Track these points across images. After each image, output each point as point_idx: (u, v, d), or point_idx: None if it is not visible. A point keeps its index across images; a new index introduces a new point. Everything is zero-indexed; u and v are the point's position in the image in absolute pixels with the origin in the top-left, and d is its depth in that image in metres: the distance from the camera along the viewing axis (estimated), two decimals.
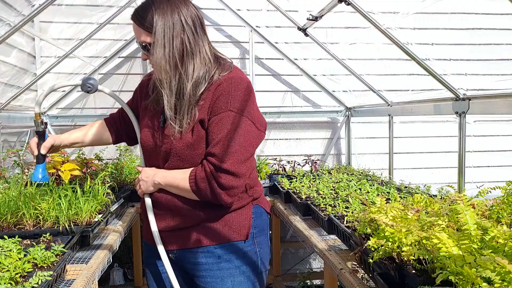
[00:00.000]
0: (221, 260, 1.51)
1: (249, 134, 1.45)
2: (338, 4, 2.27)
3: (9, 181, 2.40)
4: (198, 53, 1.47)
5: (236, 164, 1.41)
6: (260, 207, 1.62)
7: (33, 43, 3.58)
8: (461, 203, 1.30)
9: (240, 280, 1.52)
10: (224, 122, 1.42)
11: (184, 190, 1.48)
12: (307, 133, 4.14)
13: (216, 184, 1.41)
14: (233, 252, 1.51)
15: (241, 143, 1.42)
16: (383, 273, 1.38)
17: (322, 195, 2.58)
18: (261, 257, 1.58)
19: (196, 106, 1.46)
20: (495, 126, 4.19)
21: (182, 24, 1.44)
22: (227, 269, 1.51)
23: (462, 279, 1.02)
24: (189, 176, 1.46)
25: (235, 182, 1.43)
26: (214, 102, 1.44)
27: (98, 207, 2.06)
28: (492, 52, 4.05)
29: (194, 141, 1.46)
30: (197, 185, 1.44)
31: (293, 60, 4.01)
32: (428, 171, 4.12)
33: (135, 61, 3.90)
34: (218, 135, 1.42)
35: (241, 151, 1.42)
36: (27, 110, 3.52)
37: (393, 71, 3.85)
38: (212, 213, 1.51)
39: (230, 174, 1.41)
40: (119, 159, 3.43)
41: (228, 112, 1.43)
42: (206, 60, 1.49)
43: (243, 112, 1.44)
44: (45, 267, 1.45)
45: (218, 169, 1.41)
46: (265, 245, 1.62)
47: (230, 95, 1.44)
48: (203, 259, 1.51)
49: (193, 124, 1.45)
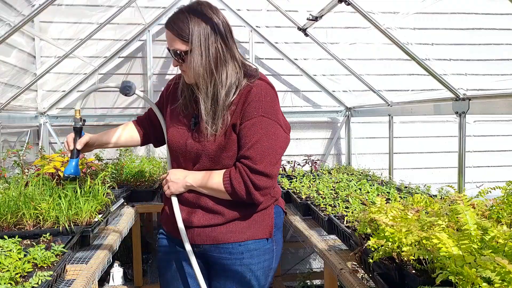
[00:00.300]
0: (244, 256, 1.59)
1: (279, 138, 1.55)
2: (338, 4, 2.27)
3: (9, 181, 2.40)
4: (230, 61, 1.56)
5: (269, 166, 1.51)
6: (279, 207, 1.72)
7: (33, 43, 3.58)
8: (461, 203, 1.30)
9: (257, 275, 1.61)
10: (256, 127, 1.51)
11: (218, 191, 1.56)
12: (307, 133, 4.14)
13: (252, 185, 1.50)
14: (255, 249, 1.60)
15: (272, 146, 1.52)
16: (383, 273, 1.38)
17: (322, 195, 2.58)
18: (276, 254, 1.68)
19: (228, 111, 1.54)
20: (495, 126, 4.19)
21: (216, 32, 1.53)
22: (247, 265, 1.59)
23: (462, 279, 1.02)
24: (223, 178, 1.55)
25: (268, 183, 1.53)
26: (246, 107, 1.53)
27: (98, 207, 2.06)
28: (492, 52, 4.05)
29: (226, 143, 1.55)
30: (233, 187, 1.52)
31: (293, 60, 4.01)
32: (428, 171, 4.12)
33: (135, 61, 3.90)
34: (252, 139, 1.51)
35: (273, 153, 1.52)
36: (27, 110, 3.52)
37: (393, 71, 3.85)
38: (241, 212, 1.59)
39: (264, 175, 1.51)
40: (119, 159, 3.43)
41: (260, 117, 1.52)
42: (237, 67, 1.58)
43: (273, 117, 1.54)
44: (45, 267, 1.45)
45: (253, 171, 1.50)
46: (280, 242, 1.72)
47: (260, 101, 1.53)
48: (227, 254, 1.59)
49: (226, 128, 1.54)
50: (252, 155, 1.50)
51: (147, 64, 3.85)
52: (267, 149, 1.51)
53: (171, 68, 3.95)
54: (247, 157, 1.51)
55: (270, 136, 1.52)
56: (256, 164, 1.50)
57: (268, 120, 1.52)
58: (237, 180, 1.52)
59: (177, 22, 1.53)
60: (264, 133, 1.51)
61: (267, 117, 1.53)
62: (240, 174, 1.52)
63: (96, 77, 3.82)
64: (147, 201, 3.02)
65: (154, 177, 3.21)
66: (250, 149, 1.51)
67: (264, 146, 1.51)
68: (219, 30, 1.54)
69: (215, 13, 1.55)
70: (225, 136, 1.54)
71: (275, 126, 1.54)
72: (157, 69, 3.92)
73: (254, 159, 1.50)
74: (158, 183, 3.14)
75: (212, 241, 1.60)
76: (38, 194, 1.95)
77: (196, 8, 1.54)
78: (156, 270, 3.57)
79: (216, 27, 1.53)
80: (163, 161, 3.48)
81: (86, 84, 3.81)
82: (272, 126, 1.53)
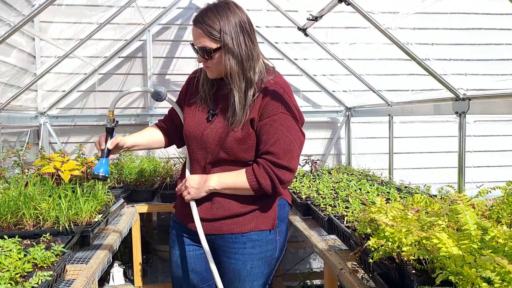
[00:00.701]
0: (246, 246, 1.67)
1: (298, 133, 1.63)
2: (338, 4, 2.27)
3: (9, 181, 2.40)
4: (256, 57, 1.64)
5: (291, 160, 1.59)
6: (284, 199, 1.77)
7: (33, 43, 3.58)
8: (461, 203, 1.30)
9: (259, 264, 1.68)
10: (278, 124, 1.58)
11: (242, 190, 1.64)
12: (307, 133, 4.07)
13: (277, 180, 1.58)
14: (257, 240, 1.68)
15: (293, 141, 1.60)
16: (383, 273, 1.38)
17: (322, 195, 2.58)
18: (279, 244, 1.74)
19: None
20: (495, 126, 4.19)
21: (244, 31, 1.60)
22: (250, 254, 1.67)
23: (462, 279, 1.02)
24: (247, 176, 1.61)
25: (291, 177, 1.62)
26: (266, 104, 1.60)
27: (98, 207, 2.06)
28: (492, 52, 4.05)
29: (242, 136, 1.61)
30: (259, 183, 1.60)
31: (293, 60, 4.01)
32: (428, 171, 4.12)
33: (135, 61, 3.90)
34: (274, 136, 1.58)
35: (294, 148, 1.60)
36: (27, 110, 3.52)
37: (393, 71, 3.85)
38: (246, 205, 1.67)
39: (288, 169, 1.59)
40: (119, 159, 3.43)
41: (280, 114, 1.59)
42: (261, 64, 1.66)
43: (292, 113, 1.62)
44: (45, 267, 1.45)
45: (278, 166, 1.58)
46: (284, 233, 1.77)
47: (280, 98, 1.60)
48: (232, 244, 1.68)
49: (244, 122, 1.60)
50: (276, 151, 1.57)
51: (147, 64, 3.85)
52: (289, 144, 1.58)
53: (171, 68, 3.95)
54: (270, 153, 1.58)
55: (291, 132, 1.60)
56: (280, 159, 1.57)
57: (288, 117, 1.60)
58: (263, 176, 1.59)
59: (206, 20, 1.57)
60: (285, 129, 1.59)
61: (287, 113, 1.60)
62: (265, 170, 1.59)
63: (96, 77, 3.82)
64: (147, 201, 3.02)
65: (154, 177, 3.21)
66: (273, 145, 1.58)
67: (286, 142, 1.58)
68: (246, 29, 1.60)
69: (241, 12, 1.62)
70: (242, 130, 1.60)
71: (294, 122, 1.61)
72: (157, 69, 3.92)
73: (278, 154, 1.57)
74: (158, 183, 3.14)
75: (217, 231, 1.68)
76: (38, 194, 1.95)
77: (224, 7, 1.59)
78: (156, 270, 3.58)
79: (244, 26, 1.60)
80: (163, 161, 3.48)
81: (86, 84, 3.81)
82: (291, 122, 1.60)
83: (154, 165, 3.33)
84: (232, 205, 1.66)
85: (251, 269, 1.68)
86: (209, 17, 1.57)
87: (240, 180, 1.62)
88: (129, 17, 3.63)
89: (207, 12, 1.58)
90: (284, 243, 1.77)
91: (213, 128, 1.65)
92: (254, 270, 1.68)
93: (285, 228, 1.78)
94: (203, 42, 1.58)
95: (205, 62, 1.64)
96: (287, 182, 1.62)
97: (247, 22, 1.62)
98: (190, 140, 1.73)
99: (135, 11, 3.56)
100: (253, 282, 1.69)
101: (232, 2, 1.63)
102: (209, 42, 1.57)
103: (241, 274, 1.68)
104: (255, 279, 1.69)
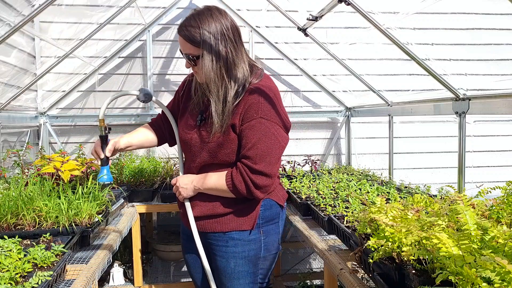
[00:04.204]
0: (228, 244, 1.73)
1: (278, 138, 1.64)
2: (338, 4, 2.26)
3: (9, 181, 2.40)
4: (239, 63, 1.65)
5: (268, 166, 1.62)
6: (271, 200, 1.78)
7: (33, 43, 3.58)
8: (461, 203, 1.30)
9: (241, 263, 1.73)
10: (256, 128, 1.60)
11: (222, 191, 1.68)
12: (307, 133, 4.14)
13: (252, 184, 1.61)
14: (239, 239, 1.72)
15: (271, 146, 1.61)
16: (383, 273, 1.38)
17: (322, 195, 2.58)
18: (265, 243, 1.76)
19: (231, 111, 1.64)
20: (495, 126, 4.19)
21: (225, 37, 1.61)
22: (232, 253, 1.73)
23: (462, 279, 1.02)
24: (225, 179, 1.66)
25: (268, 182, 1.64)
26: (246, 109, 1.62)
27: (98, 207, 2.06)
28: (492, 52, 4.05)
29: (224, 141, 1.65)
30: (235, 186, 1.64)
31: (293, 60, 4.01)
32: (428, 171, 4.12)
33: (135, 61, 3.90)
34: (252, 140, 1.61)
35: (272, 154, 1.62)
36: (27, 110, 3.52)
37: (393, 71, 3.85)
38: (228, 206, 1.71)
39: (263, 174, 1.61)
40: (119, 159, 3.43)
41: (259, 119, 1.61)
42: (245, 69, 1.66)
43: (272, 118, 1.63)
44: (45, 267, 1.45)
45: (253, 171, 1.61)
46: (272, 233, 1.79)
47: (260, 103, 1.61)
48: (216, 241, 1.75)
49: (226, 127, 1.63)
50: (252, 156, 1.60)
51: (147, 64, 3.85)
52: (266, 149, 1.60)
53: (171, 68, 3.95)
54: (247, 157, 1.61)
55: (269, 137, 1.61)
56: (256, 164, 1.60)
57: (267, 122, 1.61)
58: (239, 180, 1.62)
59: (189, 27, 1.60)
60: (263, 134, 1.60)
61: (266, 118, 1.61)
62: (241, 174, 1.62)
63: (96, 77, 3.82)
64: (147, 201, 3.02)
65: (154, 177, 3.21)
66: (250, 149, 1.60)
67: (263, 147, 1.60)
68: (228, 35, 1.62)
69: (224, 17, 1.64)
70: (224, 134, 1.64)
71: (274, 127, 1.63)
72: (157, 69, 3.92)
73: (254, 159, 1.60)
74: (158, 183, 3.14)
75: (202, 229, 1.77)
76: (38, 194, 1.95)
77: (205, 14, 1.61)
78: (156, 270, 3.60)
79: (226, 32, 1.61)
80: (163, 161, 3.48)
81: (86, 84, 3.81)
82: (271, 127, 1.62)
83: (154, 165, 3.33)
84: (215, 205, 1.72)
85: (235, 267, 1.73)
86: (191, 25, 1.59)
87: (220, 183, 1.67)
88: (129, 17, 3.63)
89: (190, 20, 1.61)
90: (273, 243, 1.79)
91: (200, 132, 1.71)
92: (237, 268, 1.73)
93: (274, 228, 1.79)
94: (187, 49, 1.62)
95: (193, 67, 1.68)
96: (264, 187, 1.63)
97: (230, 28, 1.63)
98: (182, 143, 1.82)
99: (135, 11, 3.56)
100: (239, 280, 1.74)
101: (215, 8, 1.65)
102: (192, 49, 1.61)
103: (226, 271, 1.75)
104: (240, 277, 1.74)
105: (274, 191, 1.80)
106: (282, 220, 1.85)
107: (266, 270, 1.81)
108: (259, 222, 1.73)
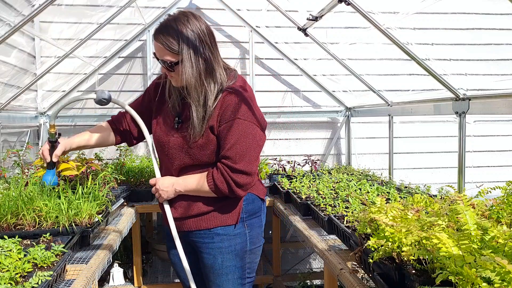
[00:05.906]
0: (214, 240, 1.76)
1: (256, 137, 1.68)
2: (338, 4, 2.26)
3: (9, 181, 2.39)
4: (217, 68, 1.67)
5: (248, 164, 1.66)
6: (253, 194, 1.82)
7: (33, 43, 3.58)
8: (461, 203, 1.30)
9: (229, 257, 1.76)
10: (234, 129, 1.64)
11: (204, 192, 1.71)
12: (307, 133, 4.14)
13: (233, 183, 1.66)
14: (224, 234, 1.76)
15: (249, 146, 1.65)
16: (383, 273, 1.38)
17: (322, 195, 2.58)
18: (250, 237, 1.80)
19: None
20: (495, 126, 4.19)
21: (203, 43, 1.63)
22: (219, 248, 1.76)
23: (462, 279, 1.02)
24: (207, 180, 1.69)
25: (248, 180, 1.68)
26: (224, 111, 1.65)
27: (98, 207, 2.05)
28: (492, 52, 4.05)
29: (203, 143, 1.68)
30: (217, 186, 1.67)
31: (293, 60, 4.01)
32: (428, 171, 4.11)
33: (135, 61, 3.90)
34: (231, 141, 1.64)
35: (251, 152, 1.66)
36: (27, 110, 3.52)
37: (393, 71, 3.84)
38: (211, 204, 1.74)
39: (244, 173, 1.66)
40: (119, 159, 3.42)
41: (237, 119, 1.64)
42: (221, 73, 1.69)
43: (249, 118, 1.66)
44: (45, 267, 1.45)
45: (233, 170, 1.65)
46: (256, 226, 1.84)
47: (236, 104, 1.65)
48: (202, 239, 1.78)
49: (204, 129, 1.66)
50: (232, 155, 1.64)
51: (147, 64, 3.85)
52: (245, 149, 1.65)
53: None
54: (227, 157, 1.65)
55: (247, 136, 1.65)
56: (236, 164, 1.64)
57: (244, 122, 1.65)
58: (220, 180, 1.66)
59: (166, 34, 1.60)
60: (242, 134, 1.64)
61: (243, 119, 1.65)
62: (222, 174, 1.66)
63: (96, 77, 3.82)
64: (147, 201, 3.02)
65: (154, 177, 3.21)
66: (229, 150, 1.64)
67: (242, 146, 1.64)
68: (205, 40, 1.64)
69: (200, 22, 1.65)
70: (203, 137, 1.67)
71: (252, 126, 1.66)
72: (157, 69, 3.92)
73: (234, 159, 1.64)
74: None
75: (187, 228, 1.79)
76: (38, 194, 1.95)
77: (182, 19, 1.61)
78: (156, 270, 3.60)
79: (203, 37, 1.63)
80: None
81: (86, 84, 3.81)
82: (248, 127, 1.66)
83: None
84: (198, 205, 1.74)
85: (222, 262, 1.76)
86: (168, 31, 1.60)
87: (201, 184, 1.70)
88: (129, 17, 3.63)
89: (166, 26, 1.62)
90: (257, 236, 1.84)
91: (179, 136, 1.72)
92: (225, 263, 1.76)
93: (257, 221, 1.84)
94: (164, 56, 1.63)
95: (168, 72, 1.68)
96: (245, 185, 1.68)
97: (206, 32, 1.65)
98: (158, 147, 1.82)
99: (135, 11, 3.56)
100: (228, 276, 1.77)
101: (190, 14, 1.65)
102: (169, 56, 1.62)
103: (214, 267, 1.77)
104: (228, 272, 1.77)
105: (255, 186, 1.83)
106: (263, 213, 1.89)
107: (253, 264, 1.85)
108: (243, 216, 1.77)
